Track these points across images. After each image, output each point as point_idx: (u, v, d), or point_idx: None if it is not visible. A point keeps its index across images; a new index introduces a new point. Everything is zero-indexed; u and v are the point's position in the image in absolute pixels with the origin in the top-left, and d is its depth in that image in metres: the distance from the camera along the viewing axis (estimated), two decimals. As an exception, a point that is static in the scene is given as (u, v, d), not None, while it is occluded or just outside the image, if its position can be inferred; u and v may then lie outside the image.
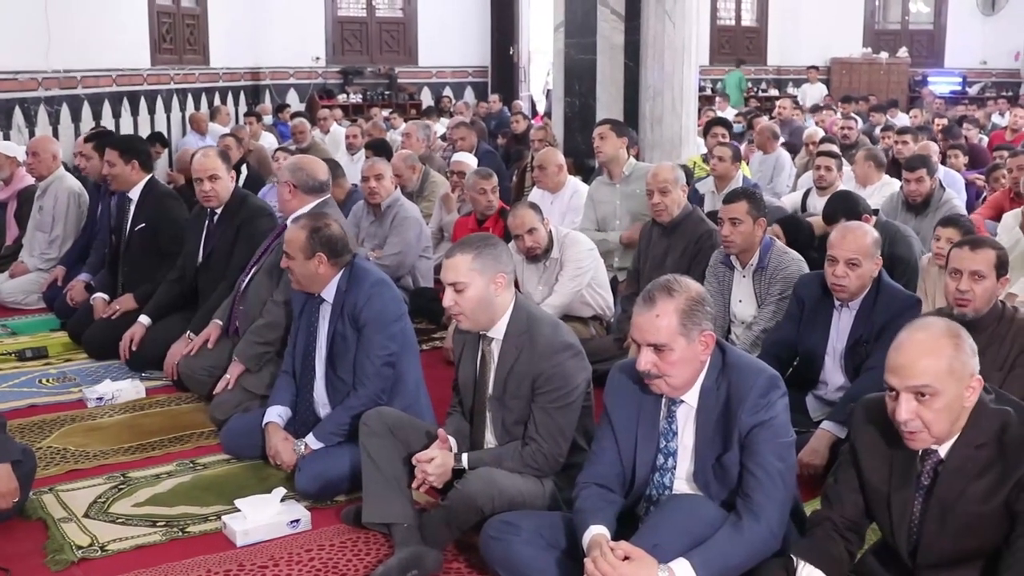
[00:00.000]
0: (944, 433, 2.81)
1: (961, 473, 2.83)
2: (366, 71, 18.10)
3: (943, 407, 2.76)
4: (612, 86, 10.06)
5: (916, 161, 7.24)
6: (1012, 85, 21.21)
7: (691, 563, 2.98)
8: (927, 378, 2.74)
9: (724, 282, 5.55)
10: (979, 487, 2.81)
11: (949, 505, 2.85)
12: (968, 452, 2.83)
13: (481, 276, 3.76)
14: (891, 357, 2.82)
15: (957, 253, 4.17)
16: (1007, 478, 2.77)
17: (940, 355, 2.76)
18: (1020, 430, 2.80)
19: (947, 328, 2.85)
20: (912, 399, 2.76)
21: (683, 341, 3.15)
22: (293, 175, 5.31)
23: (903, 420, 2.77)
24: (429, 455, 3.77)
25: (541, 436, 3.72)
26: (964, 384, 2.78)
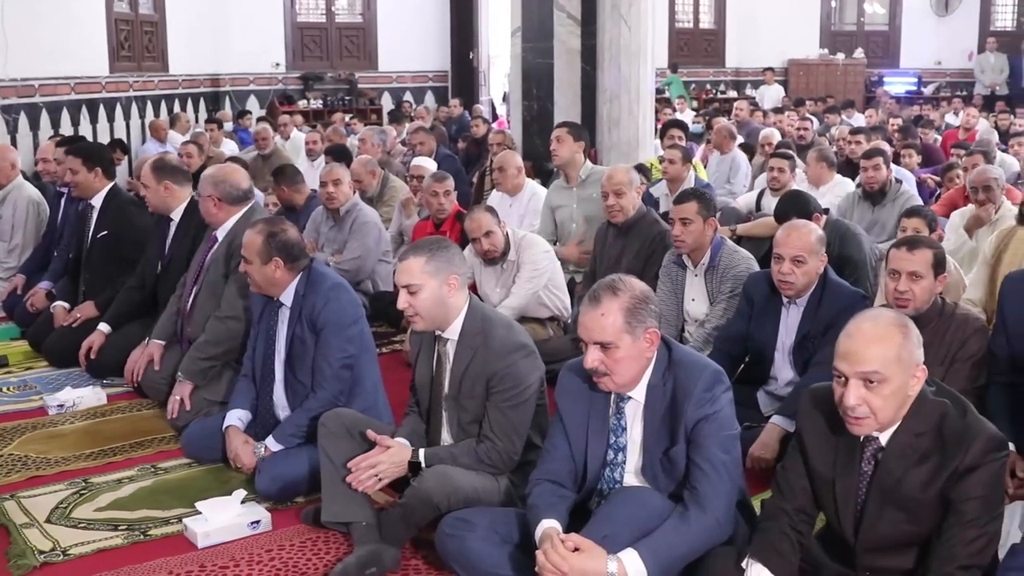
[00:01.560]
0: (889, 420, 2.92)
1: (901, 460, 2.94)
2: (326, 77, 18.08)
3: (890, 394, 2.86)
4: (569, 90, 10.15)
5: (872, 151, 7.61)
6: (966, 85, 21.50)
7: (639, 553, 3.07)
8: (876, 364, 2.85)
9: (677, 281, 5.66)
10: (918, 474, 2.92)
11: (889, 491, 2.96)
12: (908, 440, 2.94)
13: (434, 278, 3.84)
14: (842, 344, 2.93)
15: (895, 254, 4.28)
16: (944, 467, 2.88)
17: (890, 343, 2.87)
18: (958, 422, 2.91)
19: (896, 318, 2.97)
20: (861, 385, 2.86)
21: (628, 339, 3.24)
22: (216, 188, 5.31)
23: (851, 405, 2.87)
24: (382, 448, 3.85)
25: (495, 434, 3.80)
26: (910, 373, 2.89)
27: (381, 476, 3.83)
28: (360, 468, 3.83)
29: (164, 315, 5.60)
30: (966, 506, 2.84)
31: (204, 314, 5.30)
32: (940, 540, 2.89)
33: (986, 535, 2.85)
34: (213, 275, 5.32)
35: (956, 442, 2.88)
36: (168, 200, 5.86)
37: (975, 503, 2.84)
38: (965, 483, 2.85)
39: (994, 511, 2.89)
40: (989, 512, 2.86)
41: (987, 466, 2.85)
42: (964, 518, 2.84)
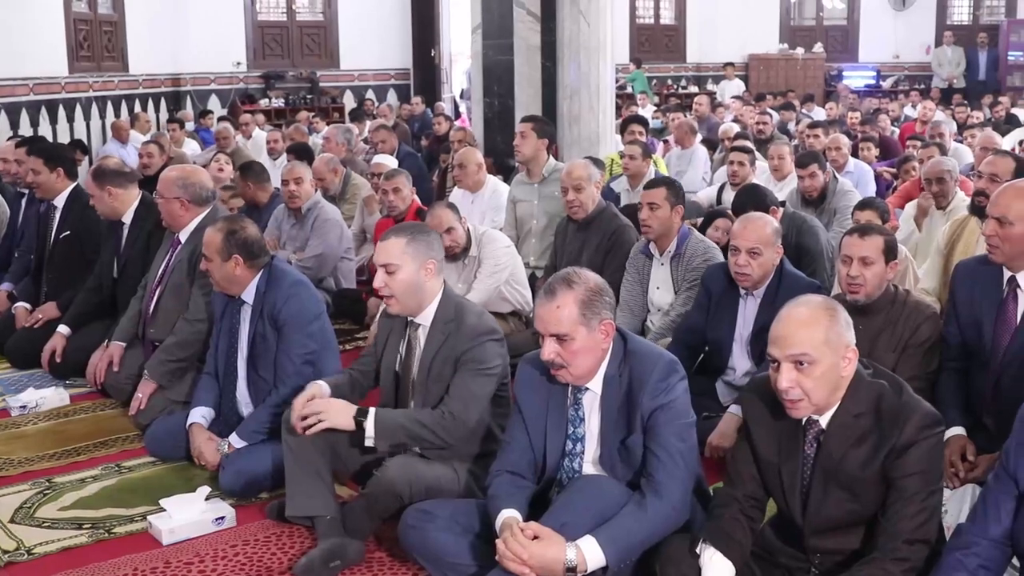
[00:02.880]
0: (823, 402, 2.99)
1: (841, 441, 3.01)
2: (288, 75, 18.04)
3: (821, 376, 2.93)
4: (530, 86, 10.19)
5: (807, 158, 7.50)
6: (924, 78, 21.74)
7: (597, 540, 3.13)
8: (805, 347, 2.92)
9: (643, 271, 5.74)
10: (858, 454, 2.99)
11: (832, 472, 3.03)
12: (847, 421, 3.01)
13: (413, 260, 3.90)
14: (773, 330, 3.01)
15: (847, 240, 4.36)
16: (882, 446, 2.96)
17: (817, 326, 2.94)
18: (895, 401, 2.99)
19: (823, 302, 3.05)
20: (792, 368, 2.93)
21: (584, 331, 3.30)
22: (185, 190, 5.33)
23: (784, 388, 2.94)
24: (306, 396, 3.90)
25: (451, 397, 3.85)
26: (840, 354, 2.96)
27: (324, 419, 3.81)
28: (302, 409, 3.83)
29: (125, 317, 5.61)
30: (906, 482, 2.92)
31: (168, 316, 5.32)
32: (884, 517, 2.97)
33: (927, 509, 2.93)
34: (177, 277, 5.34)
35: (893, 421, 2.96)
36: (115, 205, 5.88)
37: (914, 479, 2.92)
38: (903, 460, 2.92)
39: (933, 486, 2.96)
40: (928, 487, 2.94)
41: (923, 442, 2.93)
42: (905, 494, 2.92)
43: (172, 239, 5.48)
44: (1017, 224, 4.02)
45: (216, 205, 5.57)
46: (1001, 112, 15.40)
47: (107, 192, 5.84)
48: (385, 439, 3.79)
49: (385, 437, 3.78)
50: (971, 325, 4.27)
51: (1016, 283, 4.12)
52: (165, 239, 5.58)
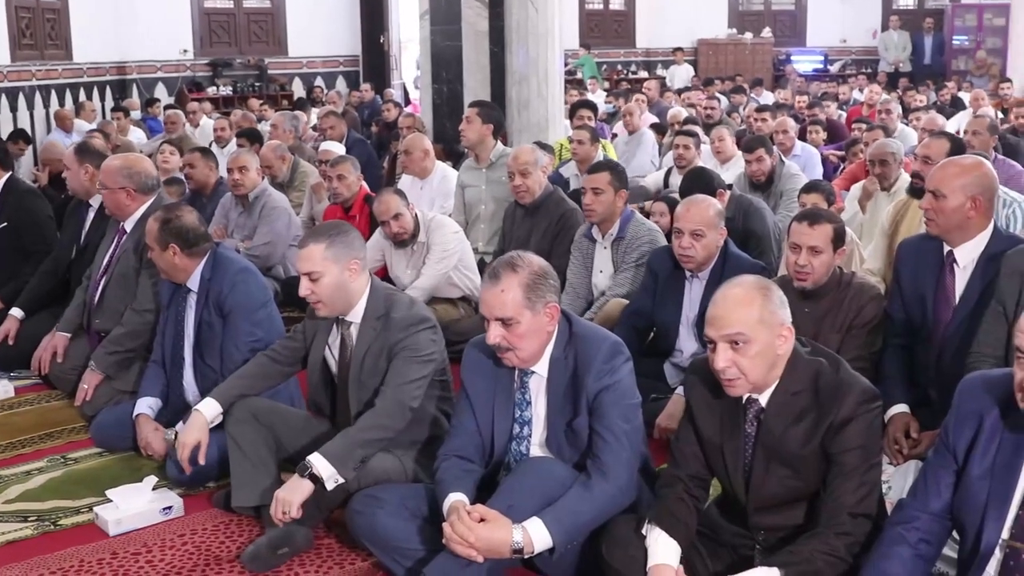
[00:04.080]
0: (760, 380, 3.02)
1: (781, 418, 3.04)
2: (235, 63, 17.87)
3: (756, 354, 2.96)
4: (479, 72, 10.17)
5: (754, 142, 7.54)
6: (871, 62, 21.94)
7: (543, 521, 3.15)
8: (739, 326, 2.94)
9: (587, 254, 5.77)
10: (798, 431, 3.03)
11: (773, 450, 3.06)
12: (786, 399, 3.04)
13: (335, 264, 3.87)
14: (708, 311, 3.04)
15: (796, 228, 4.38)
16: (821, 422, 2.99)
17: (751, 305, 2.97)
18: (832, 377, 3.02)
19: (757, 282, 3.08)
20: (728, 348, 2.96)
21: (528, 314, 3.30)
22: (131, 179, 5.28)
23: (721, 368, 2.97)
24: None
25: (387, 384, 3.83)
26: (775, 333, 2.99)
27: (289, 508, 3.65)
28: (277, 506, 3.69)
29: (70, 307, 5.55)
30: (845, 457, 2.96)
31: (113, 306, 5.27)
32: (826, 493, 3.00)
33: (867, 484, 2.97)
34: (123, 267, 5.29)
35: (831, 397, 2.99)
36: (88, 185, 5.83)
37: (854, 454, 2.96)
38: (842, 435, 2.96)
39: (872, 460, 3.00)
40: (868, 461, 2.98)
41: (861, 418, 2.97)
42: (845, 469, 2.96)
43: (117, 228, 5.43)
44: (950, 197, 4.09)
45: (161, 194, 5.52)
46: (947, 96, 15.58)
47: (85, 170, 5.80)
48: (345, 467, 3.70)
49: (344, 465, 3.69)
50: (914, 301, 4.34)
51: (953, 257, 4.19)
52: (109, 227, 5.52)
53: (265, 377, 4.23)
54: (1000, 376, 2.72)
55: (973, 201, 4.09)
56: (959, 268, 4.20)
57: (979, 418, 2.74)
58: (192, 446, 4.06)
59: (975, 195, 4.09)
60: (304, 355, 4.22)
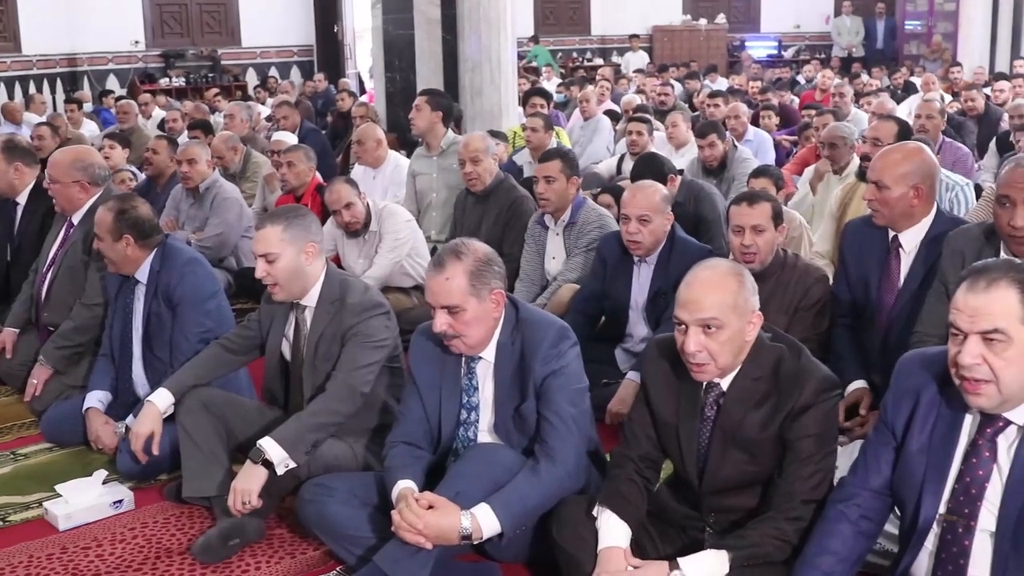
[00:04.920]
0: (728, 365, 3.04)
1: (741, 403, 3.07)
2: (188, 54, 17.75)
3: (727, 339, 2.98)
4: (431, 60, 10.17)
5: (706, 128, 7.61)
6: (824, 47, 22.10)
7: (492, 507, 3.16)
8: (714, 311, 2.96)
9: (540, 241, 5.80)
10: (757, 416, 3.05)
11: (731, 434, 3.08)
12: (747, 384, 3.07)
13: (292, 246, 3.88)
14: (681, 293, 3.04)
15: (736, 210, 4.42)
16: (781, 408, 3.02)
17: (726, 291, 2.98)
18: (793, 365, 3.05)
19: (732, 267, 3.10)
20: (700, 332, 2.97)
21: (474, 301, 3.32)
22: (84, 172, 5.24)
23: (691, 352, 2.98)
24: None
25: (339, 369, 3.84)
26: (746, 319, 3.01)
27: (249, 497, 3.67)
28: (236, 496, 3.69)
29: (17, 301, 5.50)
30: (802, 444, 2.99)
31: (62, 300, 5.22)
32: (781, 478, 3.04)
33: (822, 471, 3.00)
34: (71, 260, 5.24)
35: (791, 384, 3.02)
36: (15, 182, 5.75)
37: (810, 441, 2.99)
38: (800, 422, 2.99)
39: (828, 448, 3.04)
40: (823, 449, 3.01)
41: (820, 405, 3.00)
42: (801, 456, 2.99)
43: (65, 221, 5.38)
44: (893, 188, 4.14)
45: (109, 185, 5.48)
46: (900, 80, 15.72)
47: (14, 168, 5.73)
48: (296, 451, 3.70)
49: (295, 449, 3.70)
50: (859, 283, 4.40)
51: (899, 242, 4.24)
52: (56, 221, 5.46)
53: (218, 366, 4.22)
54: (936, 353, 2.76)
55: (915, 190, 4.13)
56: (904, 252, 4.25)
57: (916, 395, 2.77)
58: (146, 436, 4.05)
59: (917, 184, 4.13)
60: (258, 343, 4.22)
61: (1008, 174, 3.70)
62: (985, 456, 2.63)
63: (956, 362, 2.57)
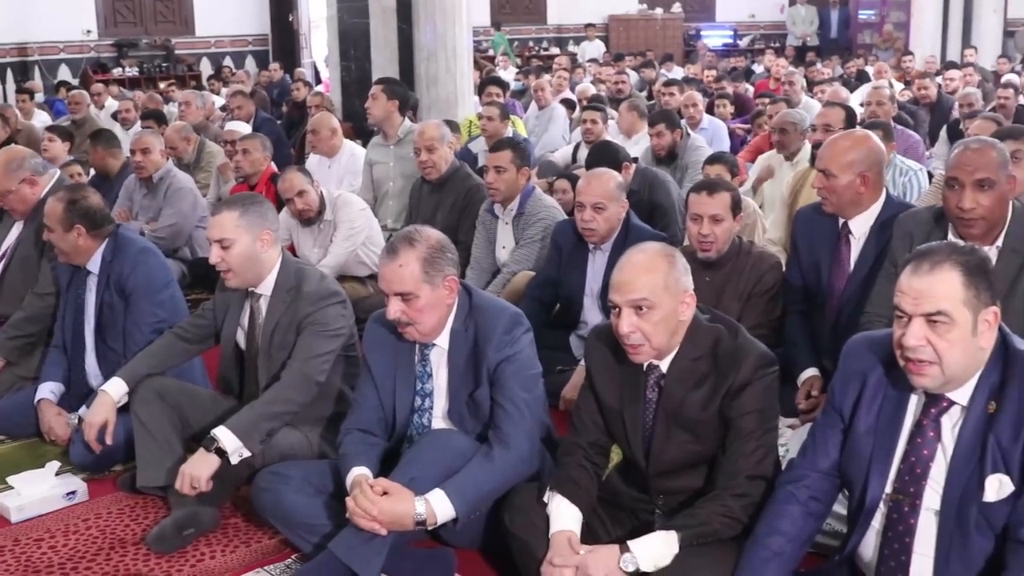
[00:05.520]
0: (663, 346, 3.07)
1: (681, 384, 3.11)
2: (141, 43, 17.56)
3: (660, 320, 3.01)
4: (387, 49, 10.15)
5: (655, 117, 7.66)
6: (779, 36, 22.24)
7: (446, 493, 3.18)
8: (644, 292, 2.99)
9: (490, 230, 5.82)
10: (697, 396, 3.09)
11: (673, 415, 3.12)
12: (686, 364, 3.11)
13: (247, 233, 3.88)
14: (613, 276, 3.08)
15: (696, 199, 4.45)
16: (720, 387, 3.06)
17: (656, 272, 3.02)
18: (731, 344, 3.09)
19: (662, 249, 3.13)
20: (632, 313, 3.00)
21: (428, 288, 3.33)
22: (24, 169, 5.21)
23: (625, 333, 3.01)
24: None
25: (294, 358, 3.85)
26: (678, 299, 3.04)
27: (197, 482, 3.67)
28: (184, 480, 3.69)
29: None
30: (743, 421, 3.03)
31: (15, 290, 5.20)
32: (724, 456, 3.08)
33: (764, 446, 3.05)
34: (24, 251, 5.22)
35: (729, 362, 3.07)
36: None
37: (751, 417, 3.03)
38: (740, 400, 3.03)
39: (769, 424, 3.09)
40: (764, 425, 3.06)
41: (759, 382, 3.04)
42: (742, 433, 3.03)
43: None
44: (840, 176, 4.19)
45: (61, 175, 5.44)
46: (853, 69, 15.87)
47: None
48: (251, 440, 3.71)
49: (249, 438, 3.71)
50: (811, 269, 4.45)
51: (848, 229, 4.30)
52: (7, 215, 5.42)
53: (172, 356, 4.22)
54: (883, 336, 2.80)
55: (862, 177, 4.19)
56: (854, 238, 4.31)
57: (863, 377, 2.82)
58: (99, 425, 4.03)
59: (863, 172, 4.19)
60: (213, 332, 4.22)
61: (957, 157, 3.76)
62: (930, 436, 2.68)
63: (901, 344, 2.61)
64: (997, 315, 2.62)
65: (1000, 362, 2.64)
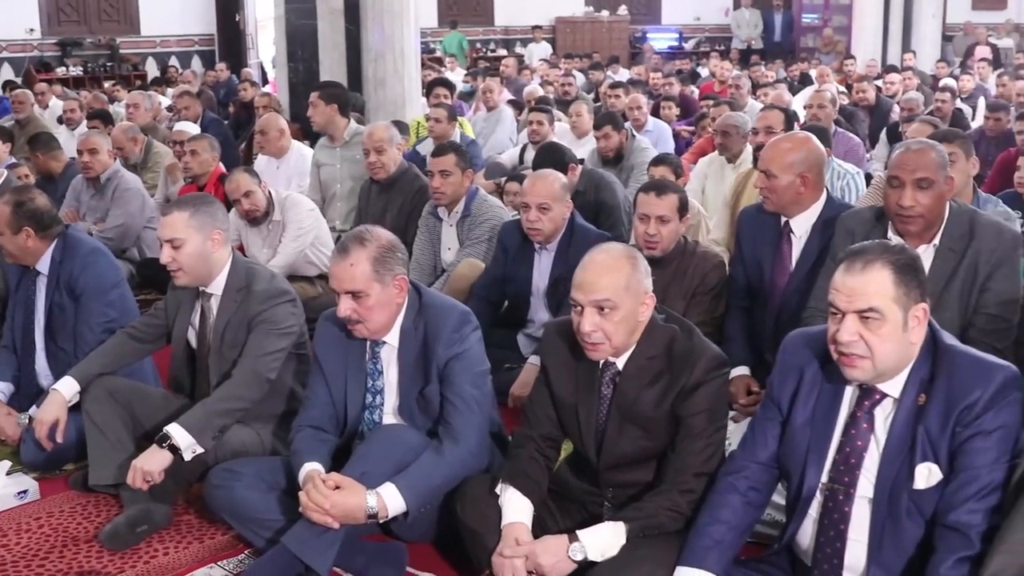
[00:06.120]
0: (622, 345, 3.16)
1: (636, 382, 3.20)
2: (85, 42, 17.39)
3: (621, 320, 3.10)
4: (334, 50, 10.17)
5: (601, 120, 7.73)
6: (724, 40, 22.49)
7: (397, 486, 3.25)
8: (607, 293, 3.07)
9: (434, 232, 5.87)
10: (651, 394, 3.19)
11: (627, 411, 3.21)
12: (641, 363, 3.20)
13: (198, 233, 3.92)
14: (576, 275, 3.16)
15: (644, 199, 4.55)
16: (673, 386, 3.15)
17: (619, 273, 3.10)
18: (685, 344, 3.19)
19: (625, 250, 3.22)
20: (595, 313, 3.09)
21: (378, 287, 3.40)
22: None
23: (587, 332, 3.09)
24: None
25: (245, 356, 3.90)
26: (639, 300, 3.14)
27: (150, 476, 3.70)
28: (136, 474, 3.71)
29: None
30: (693, 420, 3.12)
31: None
32: (674, 453, 3.17)
33: (712, 445, 3.14)
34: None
35: (683, 363, 3.15)
36: None
37: (702, 416, 3.12)
38: (692, 399, 3.13)
39: (718, 423, 3.19)
40: (714, 424, 3.16)
41: (711, 383, 3.14)
42: (693, 431, 3.12)
43: None
44: (780, 176, 4.32)
45: (8, 176, 5.43)
46: (796, 72, 16.09)
47: None
48: (203, 436, 3.75)
49: (202, 435, 3.75)
50: (754, 267, 4.57)
51: (790, 228, 4.42)
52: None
53: (124, 355, 4.24)
54: (819, 332, 2.91)
55: (802, 178, 4.32)
56: (795, 237, 4.44)
57: (800, 371, 2.92)
58: (50, 424, 4.05)
59: (803, 172, 4.32)
60: (165, 332, 4.25)
61: (898, 157, 3.89)
62: (863, 427, 2.79)
63: (835, 339, 2.72)
64: (926, 311, 2.73)
65: (930, 356, 2.76)
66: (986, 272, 3.79)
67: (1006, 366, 2.72)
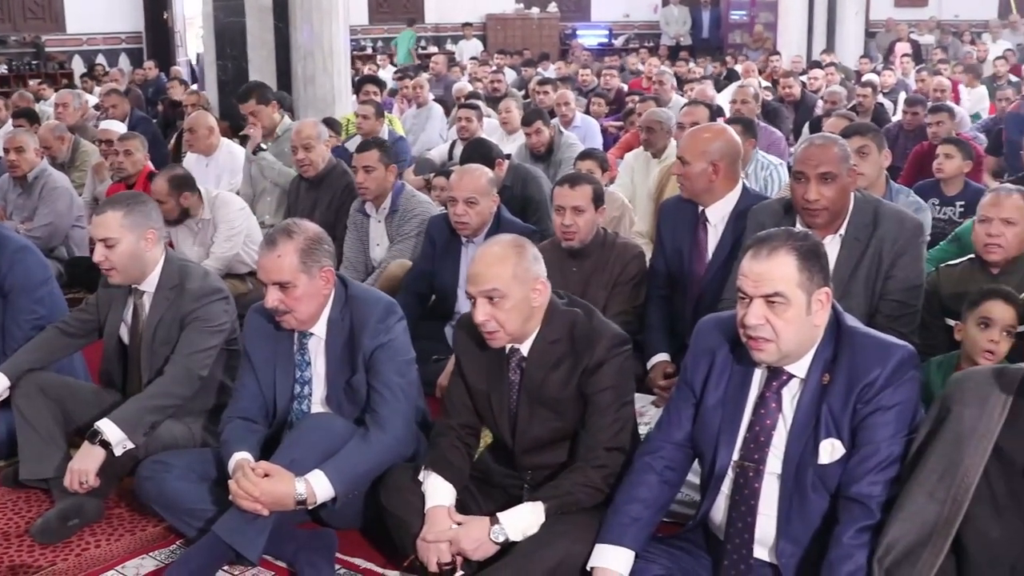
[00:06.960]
0: (518, 331, 3.27)
1: (541, 365, 3.31)
2: (10, 40, 17.15)
3: (512, 308, 3.21)
4: (263, 48, 10.21)
5: (531, 115, 7.87)
6: (653, 36, 22.71)
7: (325, 473, 3.33)
8: (495, 282, 3.18)
9: (362, 229, 5.93)
10: (557, 376, 3.30)
11: (535, 394, 3.33)
12: (545, 347, 3.31)
13: (132, 232, 3.96)
14: (469, 269, 3.28)
15: (559, 191, 4.68)
16: (577, 366, 3.27)
17: (505, 263, 3.21)
18: (586, 326, 3.30)
19: (513, 241, 3.32)
20: (486, 303, 3.20)
21: (305, 278, 3.47)
22: None
23: (480, 321, 3.21)
24: None
25: (177, 352, 3.95)
26: (529, 287, 3.24)
27: (86, 477, 3.73)
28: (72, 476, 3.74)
29: None
30: (600, 397, 3.24)
31: None
32: (584, 430, 3.29)
33: (620, 419, 3.27)
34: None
35: (585, 343, 3.27)
36: None
37: (607, 393, 3.24)
38: (596, 377, 3.24)
39: (624, 399, 3.31)
40: (620, 400, 3.28)
41: (613, 360, 3.26)
42: (600, 408, 3.24)
43: None
44: (694, 163, 4.49)
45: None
46: (722, 69, 16.33)
47: None
48: (135, 432, 3.79)
49: (133, 431, 3.79)
50: (674, 255, 4.74)
51: (705, 216, 4.58)
52: None
53: (55, 350, 4.26)
54: (729, 316, 3.03)
55: (714, 166, 4.49)
56: (711, 226, 4.60)
57: (712, 354, 3.05)
58: None
59: (715, 161, 4.49)
60: (96, 327, 4.28)
61: (802, 152, 4.04)
62: (772, 407, 2.92)
63: (743, 323, 2.85)
64: (829, 295, 2.87)
65: (833, 338, 2.89)
66: (890, 260, 3.96)
67: (904, 346, 2.86)
